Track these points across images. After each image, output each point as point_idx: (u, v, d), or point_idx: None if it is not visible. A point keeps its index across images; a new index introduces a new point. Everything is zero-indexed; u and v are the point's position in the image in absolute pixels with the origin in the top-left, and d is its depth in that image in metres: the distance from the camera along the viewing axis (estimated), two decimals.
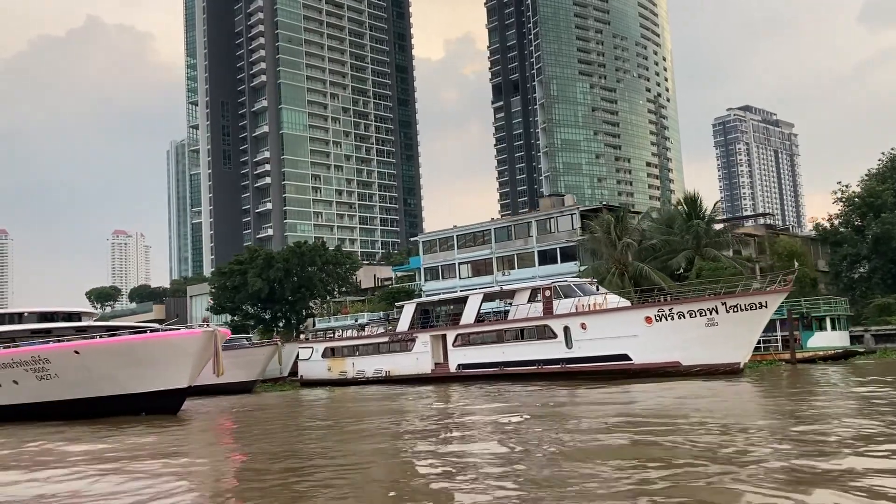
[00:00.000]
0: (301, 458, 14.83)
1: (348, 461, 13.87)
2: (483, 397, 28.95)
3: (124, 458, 16.56)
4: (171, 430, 23.74)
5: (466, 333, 41.69)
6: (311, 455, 15.28)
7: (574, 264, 59.27)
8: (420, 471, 12.31)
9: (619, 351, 34.90)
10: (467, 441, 15.85)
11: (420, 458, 13.76)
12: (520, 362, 38.62)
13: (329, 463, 13.74)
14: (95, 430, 24.37)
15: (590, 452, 12.78)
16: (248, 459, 15.64)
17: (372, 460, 13.93)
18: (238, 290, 79.38)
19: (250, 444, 18.87)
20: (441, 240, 69.83)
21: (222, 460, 16.23)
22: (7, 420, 31.45)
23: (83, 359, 29.26)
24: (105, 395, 29.86)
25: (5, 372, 30.66)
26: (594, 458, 12.00)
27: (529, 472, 11.24)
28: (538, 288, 39.86)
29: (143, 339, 29.44)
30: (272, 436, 20.16)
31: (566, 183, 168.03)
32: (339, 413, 27.38)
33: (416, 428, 19.46)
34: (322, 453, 15.37)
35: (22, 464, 16.57)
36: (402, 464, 13.40)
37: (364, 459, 14.03)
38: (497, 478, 10.77)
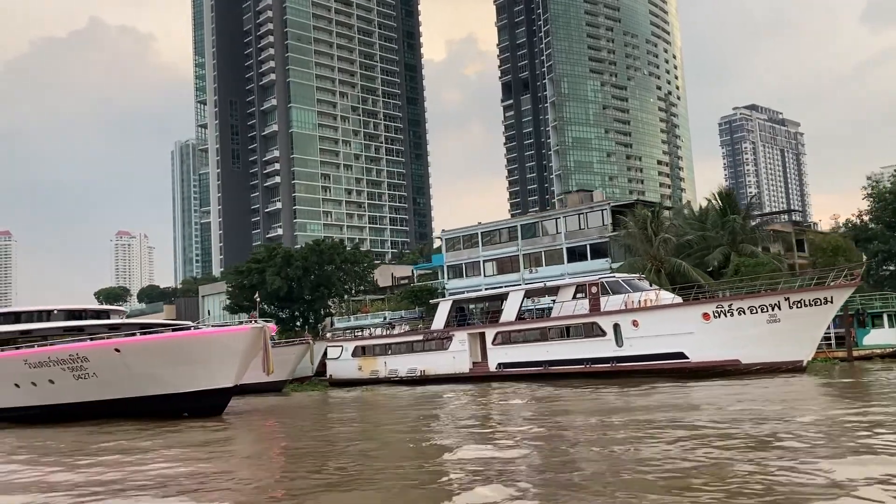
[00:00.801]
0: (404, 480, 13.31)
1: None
2: (557, 399, 27.65)
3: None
4: (219, 431, 22.45)
5: (507, 331, 40.35)
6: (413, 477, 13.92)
7: (605, 261, 57.95)
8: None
9: (674, 349, 33.57)
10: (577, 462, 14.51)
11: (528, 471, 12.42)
12: (565, 361, 37.29)
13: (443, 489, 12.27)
14: (141, 430, 23.10)
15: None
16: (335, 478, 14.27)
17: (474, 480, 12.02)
18: (255, 289, 78.10)
19: (322, 460, 17.53)
20: (465, 237, 68.47)
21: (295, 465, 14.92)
22: (40, 421, 30.16)
23: (124, 357, 27.96)
24: (145, 396, 28.57)
25: (41, 371, 29.37)
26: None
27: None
28: (584, 284, 38.53)
29: (188, 336, 28.11)
30: (335, 443, 18.84)
31: (577, 181, 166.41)
32: (404, 418, 25.99)
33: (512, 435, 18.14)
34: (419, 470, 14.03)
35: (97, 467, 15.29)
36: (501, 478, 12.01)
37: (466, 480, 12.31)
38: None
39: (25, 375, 29.70)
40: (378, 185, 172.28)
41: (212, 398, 27.99)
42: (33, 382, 29.83)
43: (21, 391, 30.30)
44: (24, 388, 30.11)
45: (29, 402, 30.42)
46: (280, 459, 16.23)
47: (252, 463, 16.01)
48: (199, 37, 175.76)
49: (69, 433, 24.73)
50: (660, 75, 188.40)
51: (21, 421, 30.77)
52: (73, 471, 14.97)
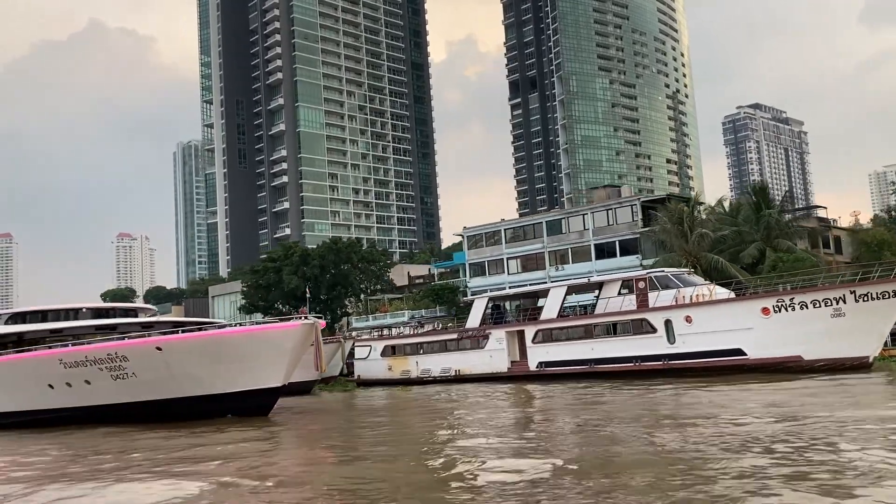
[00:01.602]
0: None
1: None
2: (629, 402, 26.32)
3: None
4: (266, 439, 21.12)
5: (548, 329, 39.03)
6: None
7: (636, 258, 56.59)
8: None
9: (731, 345, 32.26)
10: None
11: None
12: (613, 359, 35.97)
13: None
14: (189, 433, 21.76)
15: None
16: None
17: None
18: (271, 289, 76.81)
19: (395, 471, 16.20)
20: (487, 234, 67.14)
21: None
22: (73, 423, 28.81)
23: (165, 356, 26.64)
24: (187, 396, 27.23)
25: (76, 371, 28.03)
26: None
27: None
28: (630, 279, 37.26)
29: (235, 333, 26.82)
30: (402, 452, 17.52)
31: (587, 180, 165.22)
32: (467, 422, 24.67)
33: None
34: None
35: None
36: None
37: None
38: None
39: (60, 376, 28.38)
40: (385, 185, 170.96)
41: (258, 399, 26.68)
42: (68, 383, 28.52)
43: (55, 392, 28.99)
44: (58, 388, 28.80)
45: (63, 403, 29.10)
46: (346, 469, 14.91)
47: (310, 471, 14.70)
48: (205, 36, 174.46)
49: (116, 437, 23.38)
50: (668, 73, 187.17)
51: (53, 424, 29.42)
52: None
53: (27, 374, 29.24)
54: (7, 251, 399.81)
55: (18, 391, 29.85)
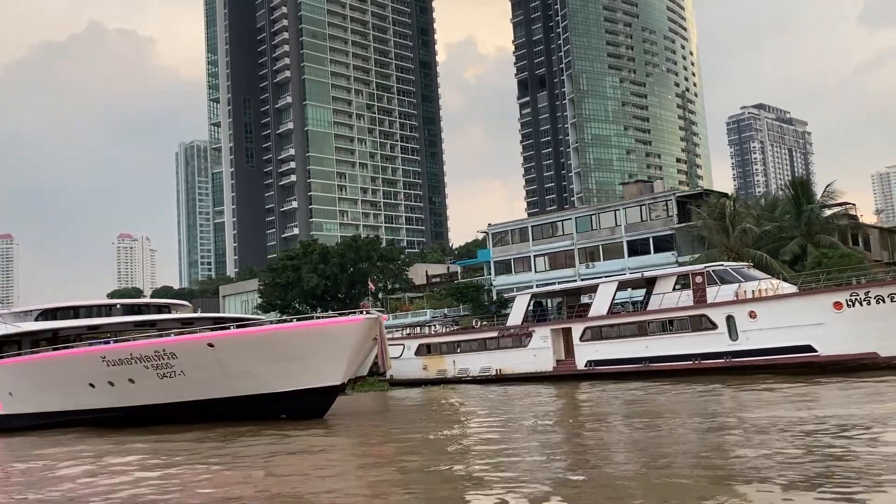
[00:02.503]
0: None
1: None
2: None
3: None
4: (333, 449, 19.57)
5: (598, 326, 37.52)
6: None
7: (671, 254, 55.21)
8: None
9: (800, 342, 30.79)
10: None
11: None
12: (669, 357, 34.48)
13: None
14: (249, 435, 20.22)
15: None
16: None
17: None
18: (290, 287, 75.41)
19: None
20: (513, 231, 65.69)
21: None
22: (114, 425, 27.33)
23: (217, 353, 25.12)
24: (238, 396, 25.71)
25: (120, 369, 26.52)
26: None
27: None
28: (686, 273, 35.77)
29: (294, 328, 25.25)
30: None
31: (597, 179, 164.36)
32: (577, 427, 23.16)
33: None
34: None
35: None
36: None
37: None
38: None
39: (102, 374, 26.88)
40: (394, 184, 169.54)
41: (315, 398, 25.14)
42: (110, 382, 27.01)
43: (96, 391, 27.49)
44: (99, 387, 27.30)
45: (104, 403, 27.63)
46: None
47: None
48: (212, 34, 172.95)
49: (168, 441, 21.87)
50: (677, 72, 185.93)
51: (92, 424, 27.94)
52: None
53: (67, 372, 27.75)
54: (7, 252, 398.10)
55: (57, 391, 28.37)
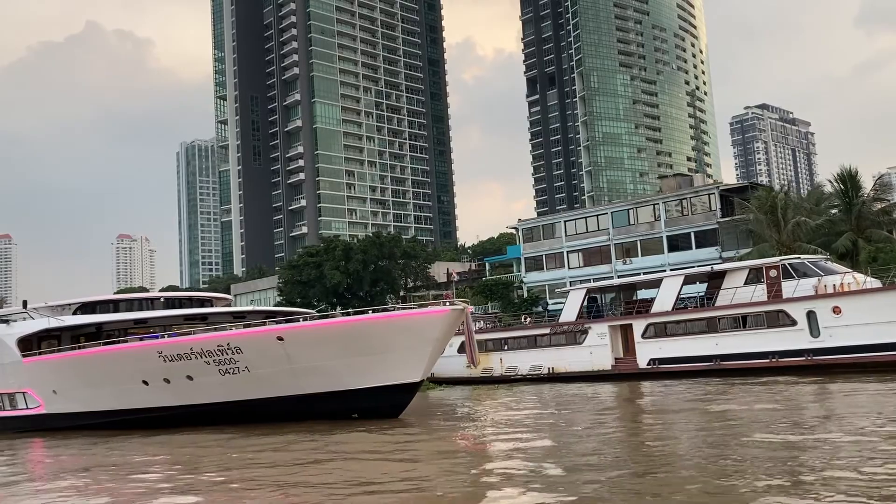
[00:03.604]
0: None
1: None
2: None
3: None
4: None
5: (662, 322, 35.71)
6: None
7: (714, 249, 53.42)
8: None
9: (891, 339, 28.99)
10: None
11: None
12: (742, 355, 32.69)
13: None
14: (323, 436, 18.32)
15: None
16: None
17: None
18: (311, 285, 73.46)
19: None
20: (545, 227, 63.90)
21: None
22: (166, 425, 25.44)
23: (287, 347, 23.25)
24: (308, 394, 23.85)
25: (178, 365, 24.63)
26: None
27: None
28: (759, 267, 33.98)
29: (373, 320, 23.37)
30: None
31: (608, 178, 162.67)
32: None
33: None
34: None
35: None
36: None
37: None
38: None
39: (158, 370, 24.99)
40: (402, 182, 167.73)
41: (392, 396, 23.31)
42: (166, 379, 25.12)
43: (150, 389, 25.60)
44: (153, 385, 25.40)
45: (158, 402, 25.72)
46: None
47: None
48: (219, 31, 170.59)
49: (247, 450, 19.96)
50: (688, 70, 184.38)
51: (142, 425, 26.04)
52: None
53: (118, 368, 25.85)
54: (6, 252, 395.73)
55: (106, 388, 26.45)
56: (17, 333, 29.04)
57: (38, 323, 28.93)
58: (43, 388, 28.26)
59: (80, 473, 16.52)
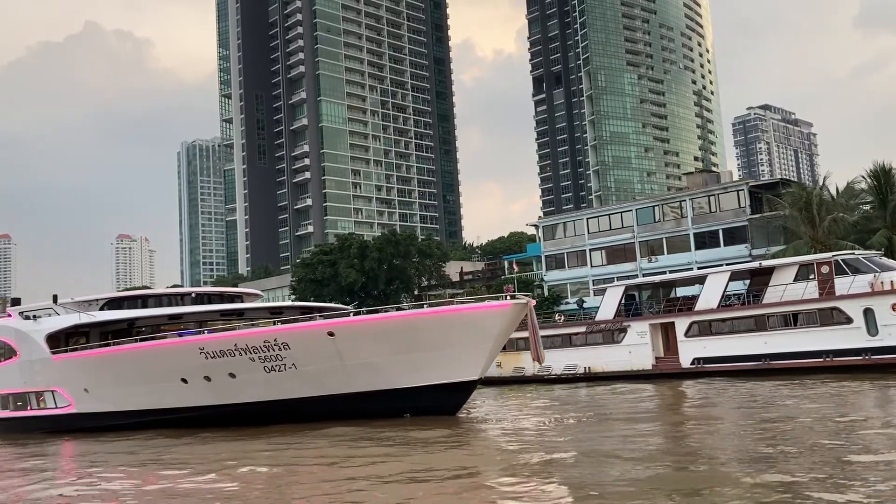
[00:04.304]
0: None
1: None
2: None
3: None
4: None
5: (706, 321, 34.56)
6: None
7: (744, 247, 52.35)
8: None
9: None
10: None
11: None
12: (794, 354, 31.55)
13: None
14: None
15: None
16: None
17: None
18: (325, 283, 72.38)
19: None
20: (566, 224, 62.76)
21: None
22: (202, 425, 24.25)
23: (339, 343, 22.06)
24: (358, 392, 22.66)
25: (220, 362, 23.44)
26: None
27: None
28: (810, 263, 32.84)
29: (431, 314, 22.16)
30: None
31: (616, 177, 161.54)
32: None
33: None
34: None
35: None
36: None
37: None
38: None
39: (198, 367, 23.80)
40: (408, 182, 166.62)
41: (448, 395, 22.14)
42: (207, 377, 23.93)
43: (188, 388, 24.40)
44: (193, 382, 24.20)
45: (197, 400, 24.51)
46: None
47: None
48: (223, 28, 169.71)
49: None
50: (694, 69, 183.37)
51: (177, 425, 24.84)
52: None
53: (156, 366, 24.63)
54: (6, 252, 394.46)
55: (141, 387, 25.24)
56: (45, 329, 27.83)
57: (69, 318, 27.71)
58: (73, 386, 27.05)
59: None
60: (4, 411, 29.84)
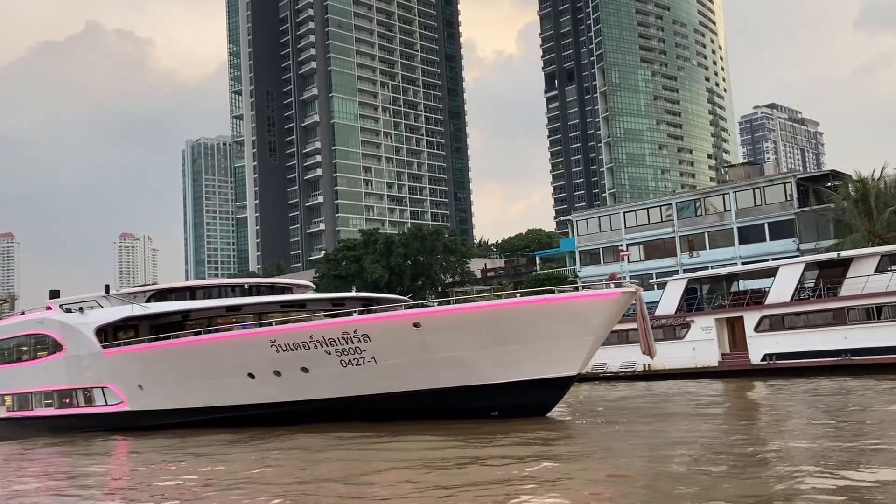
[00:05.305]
0: None
1: None
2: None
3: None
4: None
5: (779, 315, 32.92)
6: None
7: (792, 241, 50.68)
8: None
9: None
10: None
11: None
12: (878, 349, 29.91)
13: None
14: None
15: None
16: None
17: None
18: (349, 279, 70.73)
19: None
20: (603, 218, 61.11)
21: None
22: (269, 423, 22.59)
23: (425, 335, 20.39)
24: (443, 388, 20.98)
25: (293, 355, 21.78)
26: None
27: None
28: (892, 253, 31.21)
29: (529, 304, 20.47)
30: None
31: (629, 175, 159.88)
32: None
33: None
34: None
35: None
36: None
37: None
38: None
39: (268, 362, 22.14)
40: (419, 179, 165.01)
41: (543, 392, 20.45)
42: (277, 371, 22.28)
43: (255, 383, 22.73)
44: (261, 378, 22.54)
45: (265, 397, 22.84)
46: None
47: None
48: (234, 24, 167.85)
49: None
50: (707, 66, 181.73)
51: (240, 423, 23.19)
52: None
53: (220, 361, 22.96)
54: (8, 251, 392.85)
55: (203, 383, 23.58)
56: (94, 322, 26.16)
57: (120, 310, 26.06)
58: (127, 382, 25.39)
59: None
60: (48, 409, 28.23)
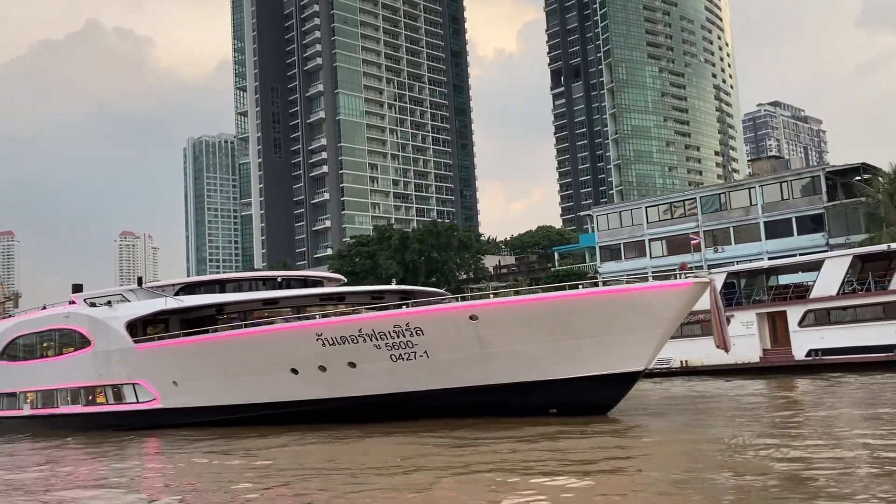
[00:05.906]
0: None
1: None
2: None
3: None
4: None
5: (825, 309, 31.91)
6: None
7: (821, 236, 49.70)
8: None
9: None
10: None
11: None
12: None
13: None
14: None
15: None
16: None
17: None
18: (363, 276, 69.76)
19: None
20: (624, 213, 60.10)
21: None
22: (313, 421, 21.60)
23: (481, 328, 19.38)
24: (499, 384, 19.97)
25: (340, 350, 20.76)
26: None
27: None
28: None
29: (594, 295, 19.46)
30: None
31: (637, 171, 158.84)
32: None
33: None
34: None
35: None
36: None
37: None
38: None
39: (313, 356, 21.12)
40: (425, 177, 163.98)
41: (606, 389, 19.43)
42: (322, 366, 21.25)
43: (299, 379, 21.72)
44: (305, 373, 21.53)
45: (309, 394, 21.84)
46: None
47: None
48: (238, 20, 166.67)
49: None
50: (714, 63, 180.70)
51: (281, 421, 22.18)
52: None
53: (261, 355, 21.94)
54: (9, 249, 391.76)
55: (242, 379, 22.55)
56: (125, 316, 25.12)
57: (153, 304, 25.03)
58: (160, 378, 24.36)
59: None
60: (75, 406, 27.20)
